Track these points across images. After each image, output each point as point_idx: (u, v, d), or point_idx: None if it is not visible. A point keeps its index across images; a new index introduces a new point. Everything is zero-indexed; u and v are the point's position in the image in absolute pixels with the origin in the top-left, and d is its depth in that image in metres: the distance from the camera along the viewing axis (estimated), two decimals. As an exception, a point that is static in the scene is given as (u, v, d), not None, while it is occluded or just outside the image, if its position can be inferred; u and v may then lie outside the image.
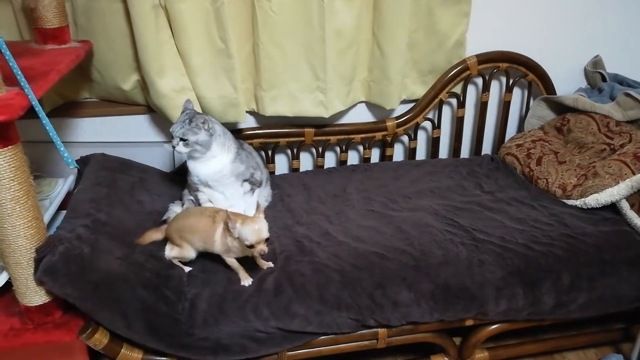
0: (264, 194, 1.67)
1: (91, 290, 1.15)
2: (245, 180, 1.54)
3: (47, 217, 1.41)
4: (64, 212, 1.43)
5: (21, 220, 1.08)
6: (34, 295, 1.15)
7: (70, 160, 1.20)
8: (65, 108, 1.75)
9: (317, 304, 1.30)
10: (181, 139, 1.42)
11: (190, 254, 1.37)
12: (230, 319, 1.26)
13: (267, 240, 1.26)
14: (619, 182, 1.58)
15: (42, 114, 1.11)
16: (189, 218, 1.40)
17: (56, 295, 1.15)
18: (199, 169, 1.48)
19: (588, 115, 1.87)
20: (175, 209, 1.55)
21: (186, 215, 1.43)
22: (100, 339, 1.17)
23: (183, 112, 1.48)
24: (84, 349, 1.21)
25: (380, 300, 1.32)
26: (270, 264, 1.38)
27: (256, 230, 1.24)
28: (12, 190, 1.05)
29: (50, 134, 1.14)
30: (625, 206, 1.56)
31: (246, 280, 1.32)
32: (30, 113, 1.06)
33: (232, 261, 1.33)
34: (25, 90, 1.05)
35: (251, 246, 1.24)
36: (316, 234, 1.50)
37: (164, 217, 1.52)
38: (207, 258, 1.39)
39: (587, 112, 1.89)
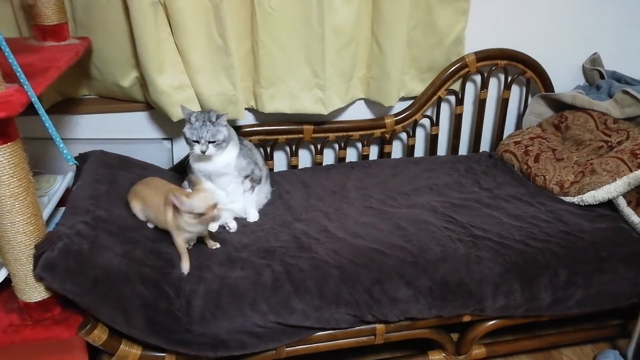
0: (263, 191, 1.67)
1: (90, 286, 1.16)
2: (246, 177, 1.55)
3: (46, 214, 1.42)
4: (62, 208, 1.43)
5: (20, 217, 1.09)
6: (33, 292, 1.16)
7: (69, 157, 1.20)
8: (64, 105, 1.75)
9: (315, 299, 1.30)
10: (210, 142, 1.41)
11: (139, 216, 1.43)
12: (227, 314, 1.26)
13: (215, 206, 1.30)
14: (615, 179, 1.58)
15: (41, 111, 1.11)
16: (148, 188, 1.43)
17: (55, 291, 1.16)
18: (205, 165, 1.48)
19: (586, 112, 1.88)
20: None
21: (147, 184, 1.45)
22: (99, 335, 1.18)
23: (189, 117, 1.43)
24: (83, 345, 1.21)
25: (379, 296, 1.33)
26: (217, 244, 1.43)
27: (203, 198, 1.29)
28: (11, 186, 1.05)
29: (50, 130, 1.15)
30: (622, 203, 1.57)
31: (185, 266, 1.34)
32: (30, 109, 1.07)
33: (180, 243, 1.35)
34: (25, 87, 1.05)
35: (203, 214, 1.28)
36: (315, 231, 1.51)
37: None
38: (202, 256, 1.40)
39: (585, 109, 1.89)
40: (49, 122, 1.14)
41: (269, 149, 1.92)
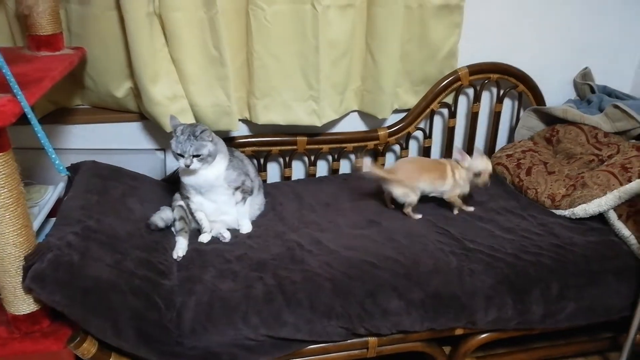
0: (257, 202, 1.67)
1: (80, 298, 1.15)
2: (237, 189, 1.54)
3: (36, 225, 1.41)
4: (53, 219, 1.42)
5: (10, 228, 1.08)
6: (21, 304, 1.15)
7: (61, 168, 1.20)
8: (57, 114, 1.74)
9: (307, 312, 1.30)
10: (194, 156, 1.40)
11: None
12: (218, 327, 1.26)
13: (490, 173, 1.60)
14: (606, 193, 1.60)
15: (34, 121, 1.10)
16: (420, 162, 1.73)
17: (44, 303, 1.15)
18: (195, 178, 1.47)
19: (577, 126, 1.90)
20: (163, 214, 1.55)
21: (413, 161, 1.75)
22: (88, 348, 1.16)
23: (176, 129, 1.43)
24: (72, 358, 1.19)
25: (371, 309, 1.33)
26: (471, 208, 1.70)
27: (483, 161, 1.62)
28: (2, 197, 1.05)
29: (42, 140, 1.14)
30: (612, 216, 1.58)
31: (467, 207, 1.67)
32: (22, 119, 1.06)
33: (455, 198, 1.65)
34: (18, 97, 1.05)
35: (479, 174, 1.60)
36: (308, 242, 1.51)
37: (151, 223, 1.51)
38: (193, 267, 1.39)
39: (576, 123, 1.91)
40: (42, 132, 1.14)
41: (262, 160, 1.92)
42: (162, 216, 1.53)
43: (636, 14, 2.05)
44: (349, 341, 1.36)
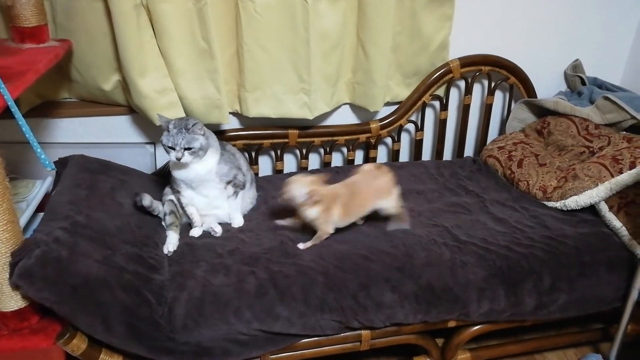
0: (249, 196, 1.66)
1: (69, 294, 1.13)
2: (228, 183, 1.53)
3: (23, 220, 1.39)
4: (41, 214, 1.40)
5: (-4, 224, 1.06)
6: (9, 300, 1.13)
7: (47, 163, 1.17)
8: (44, 108, 1.71)
9: (300, 305, 1.29)
10: (185, 149, 1.38)
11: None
12: (210, 322, 1.25)
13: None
14: (597, 185, 1.60)
15: (18, 115, 1.08)
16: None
17: (33, 299, 1.13)
18: (187, 172, 1.46)
19: (568, 118, 1.90)
20: (155, 203, 1.53)
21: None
22: (78, 345, 1.15)
23: (168, 125, 1.40)
24: (61, 355, 1.18)
25: (364, 302, 1.32)
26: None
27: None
28: (-13, 192, 1.03)
29: (27, 135, 1.12)
30: (604, 208, 1.59)
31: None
32: (6, 113, 1.04)
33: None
34: (1, 90, 1.03)
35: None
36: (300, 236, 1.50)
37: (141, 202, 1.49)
38: (185, 262, 1.38)
39: (567, 115, 1.92)
40: (26, 126, 1.11)
41: (253, 154, 1.90)
42: (154, 200, 1.52)
43: (626, 5, 2.05)
44: (342, 334, 1.36)
